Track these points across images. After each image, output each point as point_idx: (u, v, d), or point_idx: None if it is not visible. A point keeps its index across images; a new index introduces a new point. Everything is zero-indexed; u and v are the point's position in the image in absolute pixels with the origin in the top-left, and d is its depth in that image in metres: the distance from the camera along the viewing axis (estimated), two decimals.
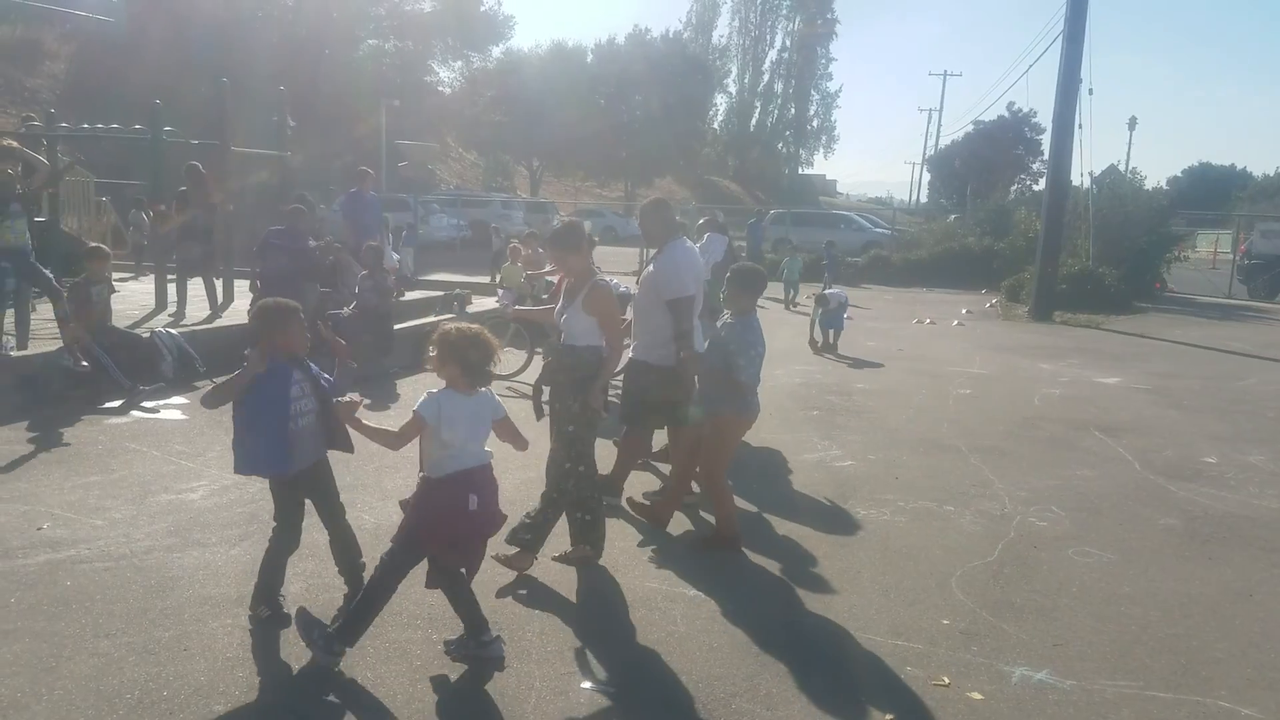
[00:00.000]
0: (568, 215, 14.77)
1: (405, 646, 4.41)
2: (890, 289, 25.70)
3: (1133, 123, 54.63)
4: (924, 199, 70.59)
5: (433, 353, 4.23)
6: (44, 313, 10.54)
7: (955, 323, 18.81)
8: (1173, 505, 7.13)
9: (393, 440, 4.26)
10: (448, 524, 4.18)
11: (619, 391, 6.80)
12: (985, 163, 50.83)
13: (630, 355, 6.46)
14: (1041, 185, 43.88)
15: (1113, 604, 5.25)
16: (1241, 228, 31.08)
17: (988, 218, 30.89)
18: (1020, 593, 5.35)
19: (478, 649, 4.31)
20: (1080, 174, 21.98)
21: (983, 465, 8.02)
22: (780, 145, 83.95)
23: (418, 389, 10.00)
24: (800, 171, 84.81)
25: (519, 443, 4.48)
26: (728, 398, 5.68)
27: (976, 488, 7.36)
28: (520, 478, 6.66)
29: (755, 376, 5.64)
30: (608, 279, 5.62)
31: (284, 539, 4.65)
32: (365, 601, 4.26)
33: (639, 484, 7.01)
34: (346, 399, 4.37)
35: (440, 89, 51.70)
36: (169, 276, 12.50)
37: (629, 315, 6.79)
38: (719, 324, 5.91)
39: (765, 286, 6.02)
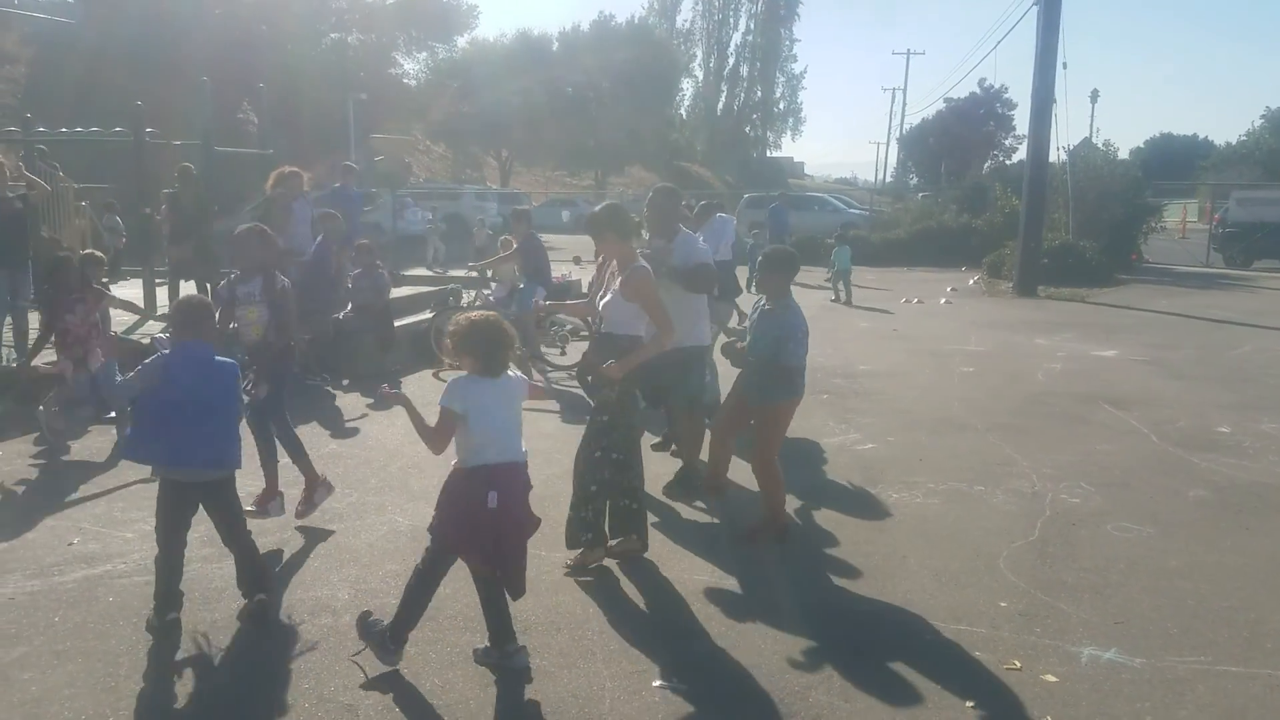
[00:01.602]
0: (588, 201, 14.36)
1: (469, 651, 4.32)
2: (871, 269, 25.61)
3: (1095, 95, 55.04)
4: (890, 178, 70.84)
5: (449, 346, 4.18)
6: (35, 321, 10.33)
7: (943, 300, 18.86)
8: (1197, 476, 7.16)
9: (431, 438, 4.14)
10: (465, 517, 4.06)
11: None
12: (957, 140, 51.00)
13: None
14: (1015, 160, 44.20)
15: (1163, 578, 5.25)
16: (1209, 196, 31.39)
17: (964, 195, 31.00)
18: (1070, 571, 5.34)
19: (501, 659, 4.19)
20: (1056, 148, 21.98)
21: (1002, 443, 8.02)
22: (748, 128, 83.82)
23: (422, 386, 9.90)
24: (769, 154, 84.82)
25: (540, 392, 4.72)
26: (780, 384, 5.62)
27: (1001, 466, 7.36)
28: (546, 473, 6.58)
29: (804, 358, 5.64)
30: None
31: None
32: (405, 598, 4.20)
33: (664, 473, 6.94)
34: (388, 391, 4.29)
35: (406, 81, 51.16)
36: (157, 281, 12.29)
37: None
38: (755, 310, 5.85)
39: (798, 269, 5.94)
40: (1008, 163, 47.50)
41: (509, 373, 4.22)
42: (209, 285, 11.82)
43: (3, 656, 4.25)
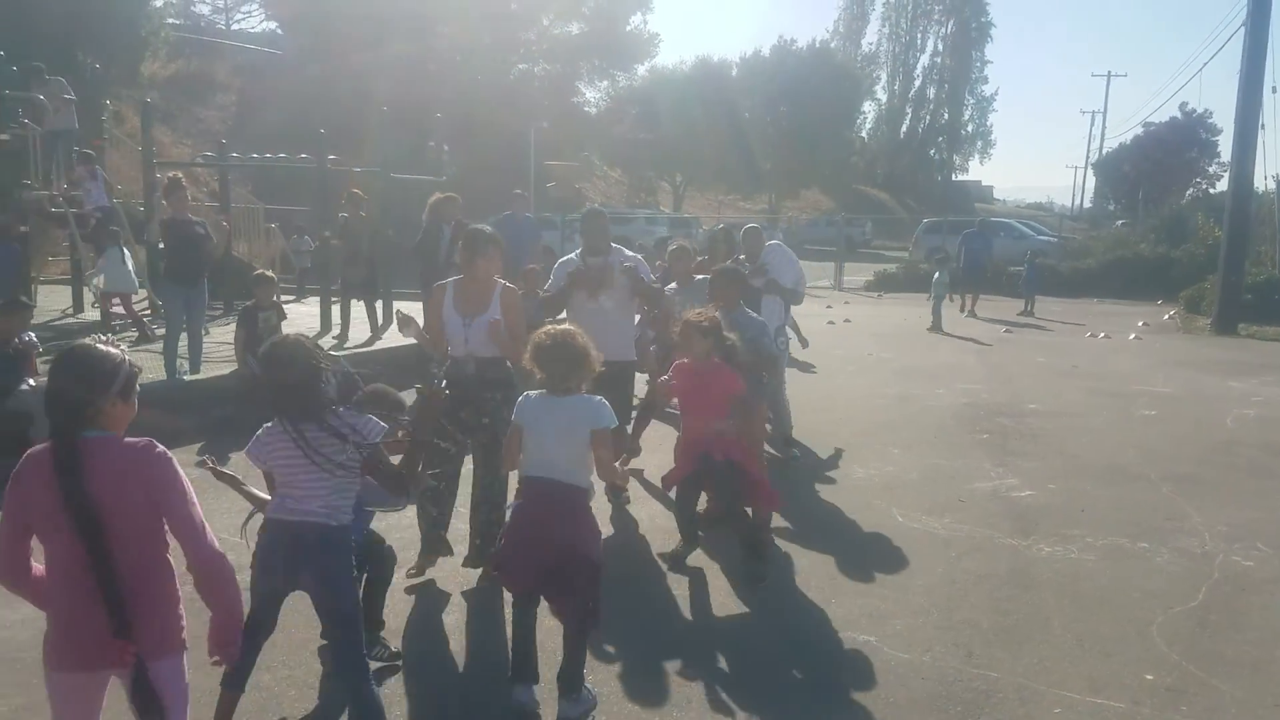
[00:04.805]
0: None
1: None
2: (1058, 300, 24.30)
3: None
4: (1088, 204, 67.57)
5: (528, 357, 4.19)
6: (216, 335, 11.05)
7: (1132, 336, 17.72)
8: None
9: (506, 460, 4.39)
10: (509, 530, 4.17)
11: None
12: (1157, 166, 48.00)
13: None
14: (1218, 189, 41.40)
15: None
16: None
17: (1162, 224, 29.18)
18: (1231, 643, 4.84)
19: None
20: (1264, 177, 20.35)
21: (1176, 496, 7.40)
22: (932, 152, 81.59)
23: None
24: (954, 178, 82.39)
25: (608, 467, 4.12)
26: (758, 385, 6.04)
27: (1171, 521, 6.78)
28: None
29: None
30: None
31: None
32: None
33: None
34: None
35: (586, 109, 52.26)
36: (333, 300, 12.87)
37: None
38: None
39: (744, 283, 6.60)
40: (1211, 191, 44.41)
41: (589, 396, 4.11)
42: (375, 305, 12.34)
43: None
